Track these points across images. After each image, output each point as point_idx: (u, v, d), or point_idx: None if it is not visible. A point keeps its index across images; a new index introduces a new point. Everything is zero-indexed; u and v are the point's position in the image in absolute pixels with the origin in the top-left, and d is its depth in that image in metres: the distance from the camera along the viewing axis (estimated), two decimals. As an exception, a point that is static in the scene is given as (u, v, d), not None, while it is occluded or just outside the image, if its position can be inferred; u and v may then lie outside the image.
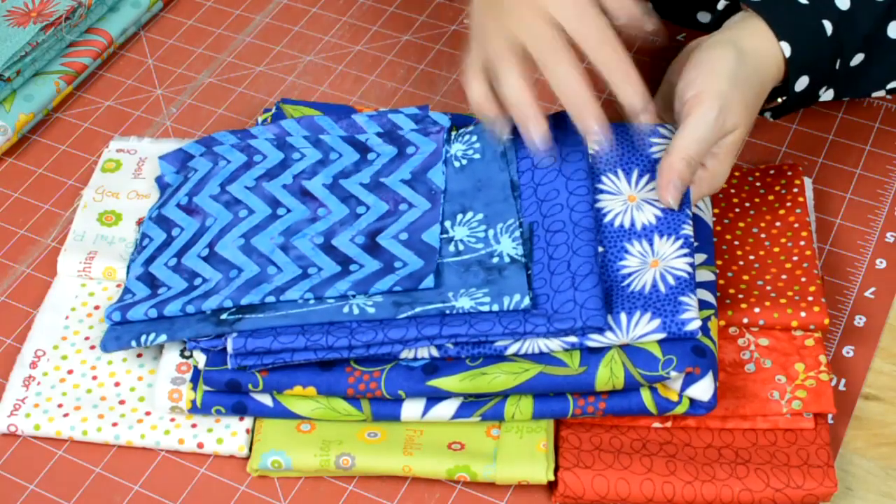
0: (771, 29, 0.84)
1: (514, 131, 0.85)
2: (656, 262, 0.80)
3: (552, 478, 0.77)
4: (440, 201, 0.85)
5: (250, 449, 0.80)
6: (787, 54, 0.84)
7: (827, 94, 0.89)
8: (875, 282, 0.89)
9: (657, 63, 1.07)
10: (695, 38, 1.07)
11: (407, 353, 0.78)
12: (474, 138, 0.88)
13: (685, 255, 0.80)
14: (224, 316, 0.79)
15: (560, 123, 0.86)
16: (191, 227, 0.87)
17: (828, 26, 0.85)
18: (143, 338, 0.81)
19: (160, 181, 0.92)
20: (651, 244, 0.81)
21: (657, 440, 0.78)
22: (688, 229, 0.81)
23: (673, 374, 0.75)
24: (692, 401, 0.77)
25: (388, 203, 0.85)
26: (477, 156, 0.87)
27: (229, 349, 0.78)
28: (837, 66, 0.87)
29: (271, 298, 0.79)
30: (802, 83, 0.86)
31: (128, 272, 0.87)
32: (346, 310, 0.78)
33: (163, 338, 0.80)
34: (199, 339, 0.80)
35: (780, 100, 0.89)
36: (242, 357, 0.78)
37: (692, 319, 0.76)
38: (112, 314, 0.82)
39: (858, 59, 0.88)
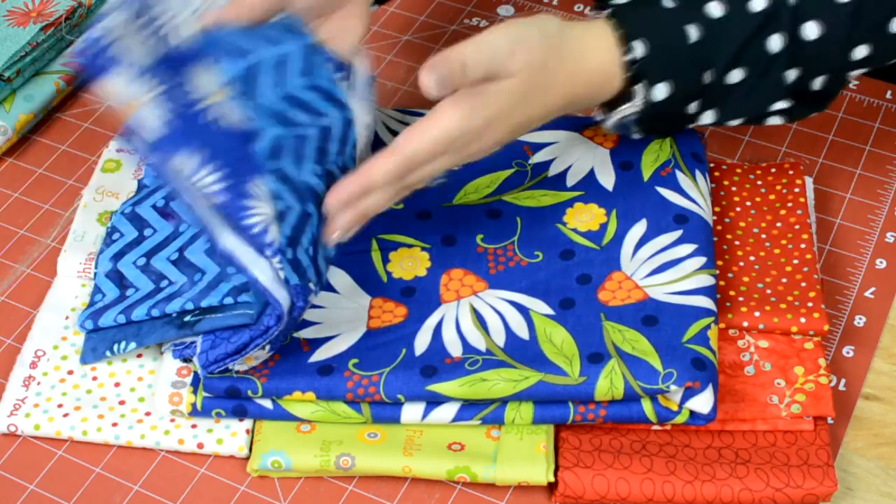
0: (622, 29, 0.79)
1: None
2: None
3: (552, 479, 0.77)
4: None
5: (250, 449, 0.80)
6: (638, 54, 0.79)
7: (707, 116, 0.84)
8: (875, 282, 0.89)
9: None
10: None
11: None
12: None
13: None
14: (187, 318, 0.80)
15: None
16: (164, 230, 0.87)
17: (692, 32, 0.80)
18: (115, 347, 0.82)
19: (140, 183, 0.92)
20: None
21: (657, 441, 0.79)
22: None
23: (673, 387, 0.75)
24: (692, 412, 0.77)
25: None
26: None
27: (199, 371, 0.78)
28: (709, 80, 0.81)
29: (229, 299, 0.79)
30: (663, 91, 0.81)
31: (96, 264, 0.87)
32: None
33: (132, 345, 0.81)
34: (166, 343, 0.81)
35: (625, 107, 0.82)
36: (210, 366, 0.78)
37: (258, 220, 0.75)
38: (85, 322, 0.83)
39: (738, 75, 0.81)
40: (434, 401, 0.78)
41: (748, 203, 0.91)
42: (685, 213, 0.86)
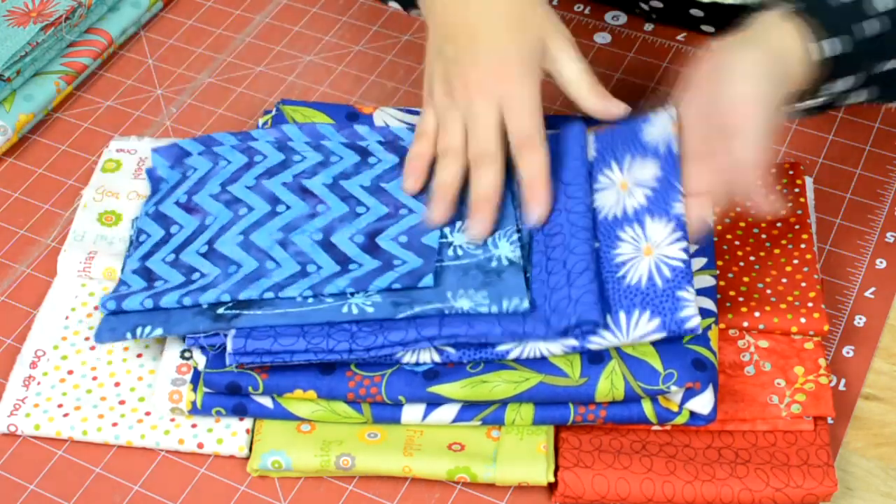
0: (808, 30, 0.79)
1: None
2: (650, 249, 0.79)
3: (552, 479, 0.77)
4: None
5: (250, 449, 0.80)
6: (826, 54, 0.80)
7: (858, 96, 0.85)
8: (875, 282, 0.89)
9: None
10: (695, 38, 1.07)
11: (408, 358, 0.78)
12: None
13: (678, 239, 0.79)
14: (221, 311, 0.79)
15: (561, 130, 0.86)
16: (190, 225, 0.87)
17: (871, 25, 0.80)
18: (138, 330, 0.80)
19: (151, 174, 0.92)
20: (643, 227, 0.80)
21: (657, 441, 0.79)
22: (678, 207, 0.80)
23: (673, 388, 0.75)
24: (692, 412, 0.77)
25: (387, 207, 0.85)
26: None
27: (229, 348, 0.78)
28: (877, 70, 0.83)
29: (270, 294, 0.79)
30: (840, 85, 0.82)
31: (123, 267, 0.87)
32: (345, 310, 0.78)
33: (158, 331, 0.80)
34: (195, 334, 0.80)
35: (810, 103, 0.84)
36: (241, 356, 0.78)
37: (692, 317, 0.76)
38: (107, 303, 0.82)
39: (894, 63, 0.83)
40: (435, 402, 0.78)
41: (748, 203, 0.91)
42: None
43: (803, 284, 0.84)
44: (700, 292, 0.81)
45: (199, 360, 0.80)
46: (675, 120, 0.82)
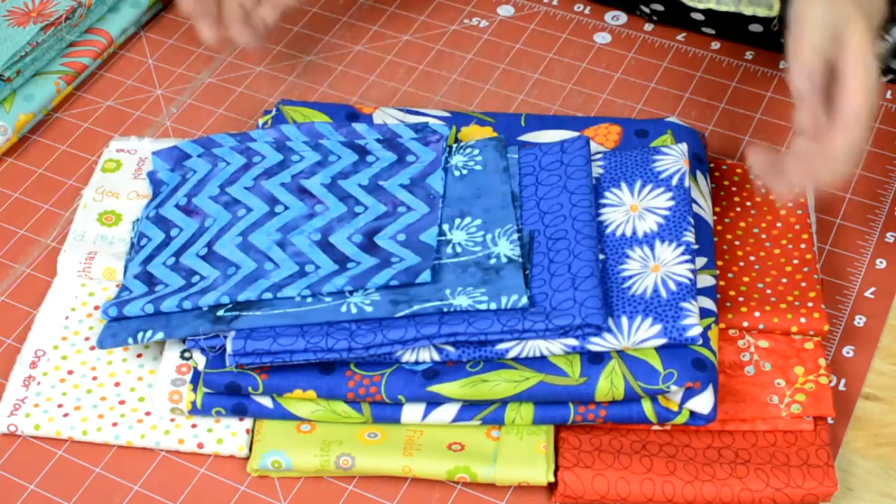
0: None
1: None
2: (657, 266, 0.80)
3: (552, 479, 0.77)
4: (438, 206, 0.85)
5: (250, 449, 0.80)
6: None
7: None
8: (875, 282, 0.89)
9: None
10: (695, 38, 1.07)
11: (408, 356, 0.78)
12: (476, 151, 0.89)
13: (686, 260, 0.80)
14: (221, 313, 0.80)
15: (567, 146, 0.88)
16: (190, 228, 0.87)
17: None
18: (139, 335, 0.81)
19: (152, 177, 0.92)
20: (652, 249, 0.82)
21: (657, 441, 0.79)
22: (689, 236, 0.82)
23: (673, 388, 0.75)
24: (692, 412, 0.77)
25: (385, 205, 0.86)
26: (478, 167, 0.88)
27: (228, 349, 0.78)
28: None
29: (268, 295, 0.80)
30: None
31: (125, 272, 0.87)
32: (343, 309, 0.78)
33: (160, 335, 0.80)
34: (196, 337, 0.80)
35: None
36: (241, 357, 0.78)
37: (693, 325, 0.77)
38: (108, 309, 0.82)
39: None
40: (435, 401, 0.78)
41: (748, 203, 0.91)
42: (686, 214, 0.86)
43: (803, 284, 0.84)
44: (700, 292, 0.81)
45: (199, 360, 0.80)
46: (685, 156, 0.86)
